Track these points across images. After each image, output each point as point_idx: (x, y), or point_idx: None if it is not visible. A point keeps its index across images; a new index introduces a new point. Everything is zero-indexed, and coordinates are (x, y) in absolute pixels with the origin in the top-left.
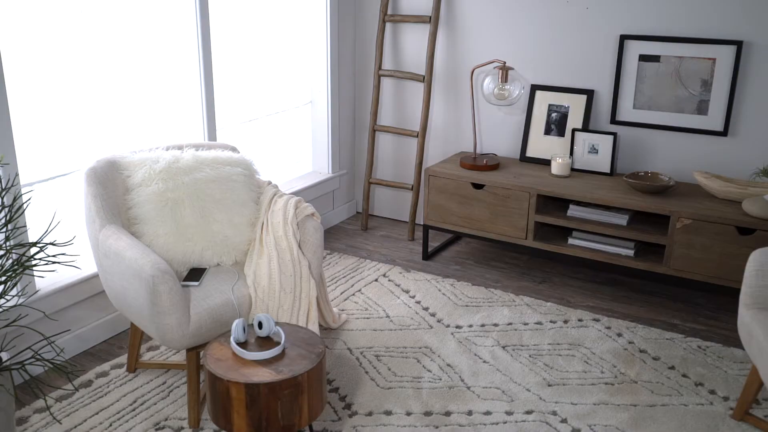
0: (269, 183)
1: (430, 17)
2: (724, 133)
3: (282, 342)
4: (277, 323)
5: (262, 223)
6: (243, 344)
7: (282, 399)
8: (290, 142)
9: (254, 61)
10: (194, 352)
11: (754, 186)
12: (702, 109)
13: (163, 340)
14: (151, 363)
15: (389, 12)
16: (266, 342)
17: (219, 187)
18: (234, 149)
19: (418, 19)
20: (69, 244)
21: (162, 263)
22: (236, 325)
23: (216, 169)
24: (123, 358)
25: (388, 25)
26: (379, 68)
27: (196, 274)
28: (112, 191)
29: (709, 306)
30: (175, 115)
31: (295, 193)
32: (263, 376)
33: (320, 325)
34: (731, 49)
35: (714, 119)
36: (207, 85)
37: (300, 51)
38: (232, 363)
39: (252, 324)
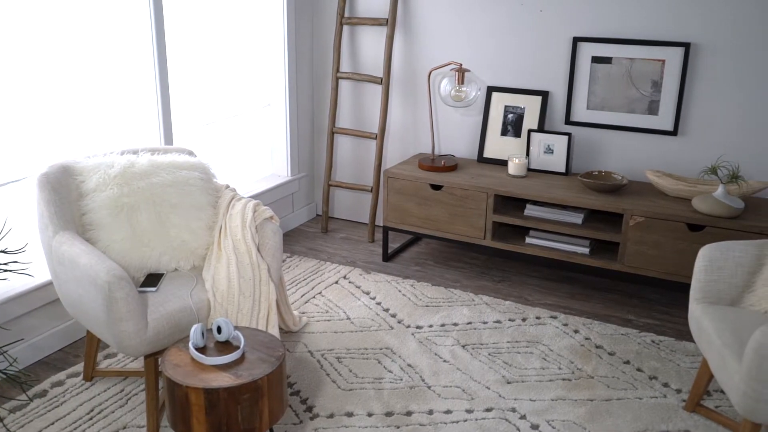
0: (227, 187)
1: (387, 20)
2: (674, 132)
3: (241, 346)
4: (236, 327)
5: (221, 227)
6: (202, 349)
7: (242, 403)
8: (249, 145)
9: (211, 63)
10: (152, 358)
11: (703, 184)
12: (653, 109)
13: (120, 347)
14: (108, 371)
15: (346, 15)
16: (225, 346)
17: (176, 192)
18: (191, 153)
19: (375, 22)
20: (21, 252)
21: (118, 269)
22: (194, 330)
23: (172, 173)
24: (79, 367)
25: (345, 28)
26: (337, 71)
27: (153, 279)
28: (65, 197)
29: (662, 301)
30: (130, 119)
31: (254, 197)
32: (223, 380)
33: (281, 329)
34: (679, 51)
35: (664, 119)
36: (162, 88)
37: (257, 53)
38: (190, 368)
39: (211, 329)
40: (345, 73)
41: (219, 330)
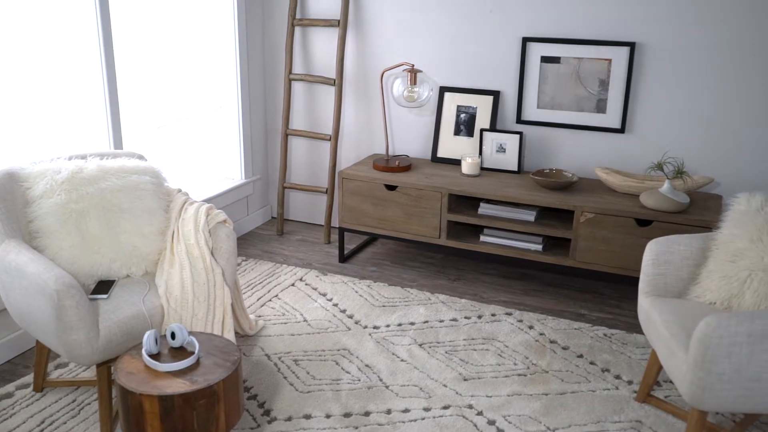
0: (179, 191)
1: (339, 21)
2: (621, 130)
3: (196, 351)
4: (190, 333)
5: (173, 232)
6: (156, 356)
7: (198, 409)
8: (201, 148)
9: (161, 66)
10: (105, 367)
11: (650, 180)
12: (601, 107)
13: (71, 357)
14: (59, 381)
15: (298, 16)
16: (180, 352)
17: (126, 197)
18: (141, 157)
19: (327, 23)
20: None
21: (67, 277)
22: (148, 337)
23: (122, 178)
24: (29, 378)
25: (297, 29)
26: (290, 72)
27: (104, 286)
28: (11, 204)
29: (613, 295)
30: (78, 123)
31: (208, 200)
32: (177, 387)
33: (237, 333)
34: (625, 50)
35: (612, 117)
36: (111, 92)
37: (208, 55)
38: (144, 376)
39: (165, 335)
40: (298, 74)
41: (173, 336)
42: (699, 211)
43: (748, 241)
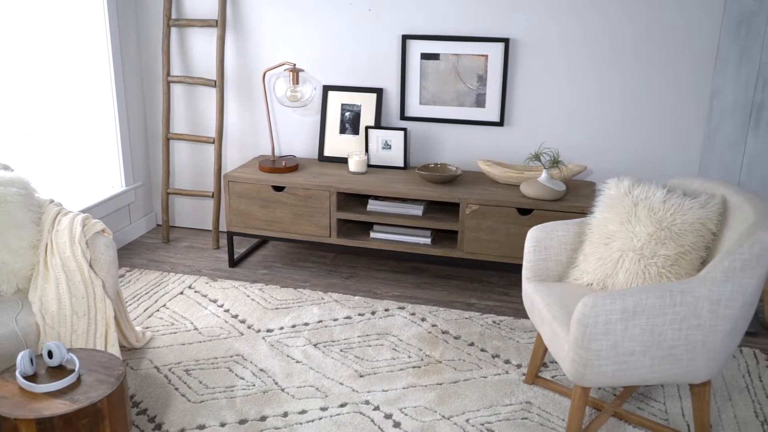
0: (51, 201)
1: (217, 21)
2: (500, 123)
3: (76, 369)
4: (70, 350)
5: (46, 245)
6: (32, 377)
7: (81, 429)
8: (76, 156)
9: (26, 70)
10: None
11: (529, 170)
12: (480, 102)
13: None
14: None
15: (173, 16)
16: (59, 371)
17: None
18: (7, 168)
19: (205, 23)
20: None
21: None
22: (21, 358)
23: None
24: None
25: (173, 30)
26: (168, 74)
27: None
28: None
29: (500, 283)
30: None
31: (86, 210)
32: (57, 408)
33: (122, 346)
34: (500, 46)
35: (491, 111)
36: None
37: (79, 59)
38: (19, 399)
39: (41, 354)
40: (176, 76)
41: (50, 355)
42: (575, 198)
43: (619, 223)
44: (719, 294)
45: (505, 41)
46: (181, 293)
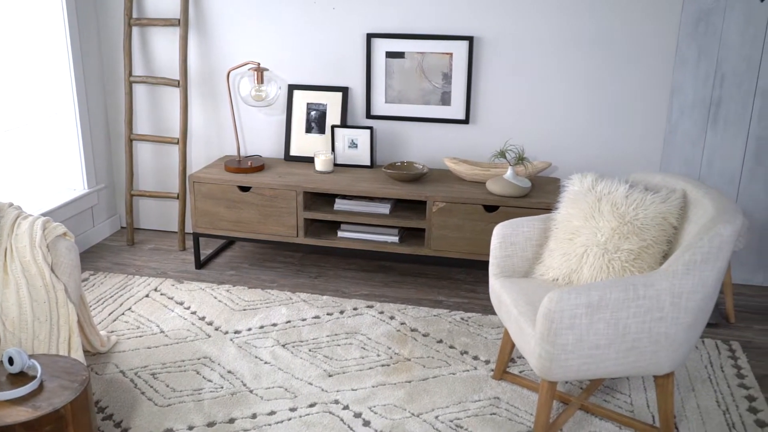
0: (10, 205)
1: (180, 20)
2: (466, 121)
3: (38, 375)
4: (32, 356)
5: (6, 250)
6: None
7: None
8: (36, 158)
9: None
10: None
11: (494, 167)
12: (445, 100)
13: None
14: None
15: (134, 15)
16: (20, 378)
17: None
18: None
19: (167, 22)
20: None
21: None
22: None
23: None
24: None
25: (135, 29)
26: (130, 75)
27: None
28: None
29: (468, 280)
30: None
31: (46, 214)
32: (18, 415)
33: (87, 351)
34: (464, 44)
35: (456, 109)
36: None
37: (38, 58)
38: None
39: (1, 361)
40: (138, 76)
41: (11, 361)
42: (540, 195)
43: (583, 219)
44: (681, 287)
45: (470, 39)
46: (147, 296)
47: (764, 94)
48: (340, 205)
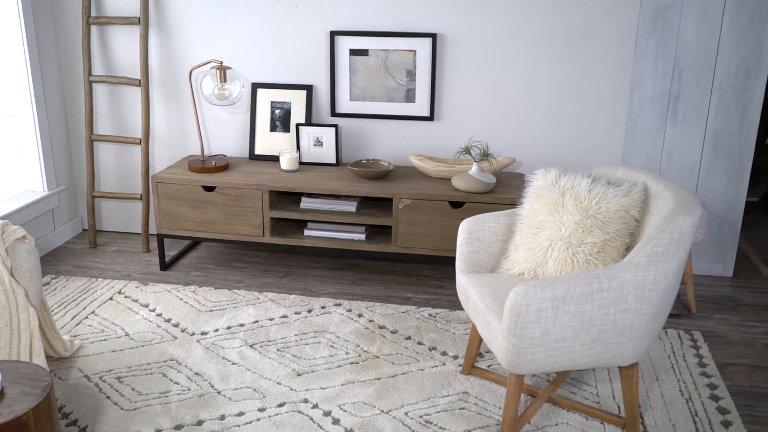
0: None
1: (139, 18)
2: (430, 117)
3: None
4: None
5: None
6: None
7: None
8: None
9: None
10: None
11: (459, 164)
12: (410, 97)
13: None
14: None
15: (93, 14)
16: None
17: None
18: None
19: (127, 21)
20: None
21: None
22: None
23: None
24: None
25: (93, 28)
26: (89, 74)
27: None
28: None
29: (435, 276)
30: None
31: (5, 217)
32: None
33: (49, 356)
34: (428, 42)
35: (421, 106)
36: None
37: None
38: None
39: None
40: (98, 76)
41: None
42: (505, 190)
43: (547, 213)
44: (643, 278)
45: (433, 36)
46: (111, 299)
47: (721, 88)
48: (306, 203)
